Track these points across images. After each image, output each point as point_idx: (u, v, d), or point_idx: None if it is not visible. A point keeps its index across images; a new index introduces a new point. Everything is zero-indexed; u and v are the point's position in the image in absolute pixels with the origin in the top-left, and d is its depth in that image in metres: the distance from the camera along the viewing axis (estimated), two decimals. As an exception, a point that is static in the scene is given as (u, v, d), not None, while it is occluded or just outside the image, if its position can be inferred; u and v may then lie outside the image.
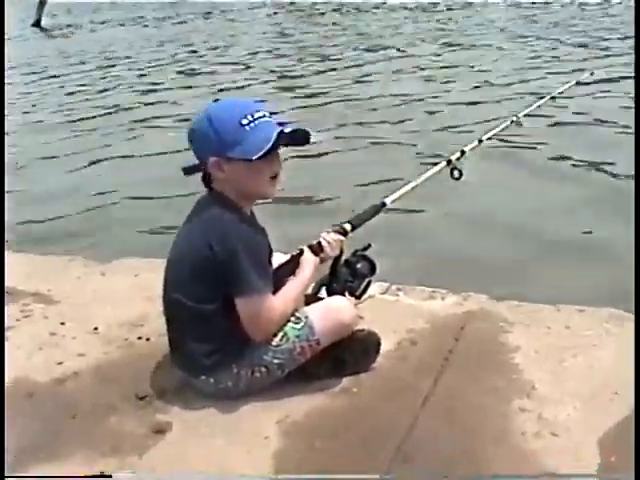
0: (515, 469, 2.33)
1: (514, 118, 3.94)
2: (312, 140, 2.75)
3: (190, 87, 12.32)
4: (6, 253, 4.14)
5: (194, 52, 16.95)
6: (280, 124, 2.70)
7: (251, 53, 15.99)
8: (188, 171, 2.77)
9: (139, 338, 3.22)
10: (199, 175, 2.77)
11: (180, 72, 14.30)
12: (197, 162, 2.72)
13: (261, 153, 2.57)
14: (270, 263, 2.77)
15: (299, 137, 2.71)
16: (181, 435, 2.58)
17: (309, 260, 2.86)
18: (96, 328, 3.33)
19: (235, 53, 16.27)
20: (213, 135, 2.60)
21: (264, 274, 2.65)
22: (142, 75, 14.23)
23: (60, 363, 3.06)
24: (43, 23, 24.64)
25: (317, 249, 2.91)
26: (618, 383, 2.73)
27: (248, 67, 14.28)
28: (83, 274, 4.04)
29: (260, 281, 2.62)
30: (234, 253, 2.57)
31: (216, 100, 2.79)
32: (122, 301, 3.60)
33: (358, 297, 3.05)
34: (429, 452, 2.44)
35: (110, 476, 2.27)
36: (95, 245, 5.58)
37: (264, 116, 2.64)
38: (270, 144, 2.57)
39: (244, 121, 2.58)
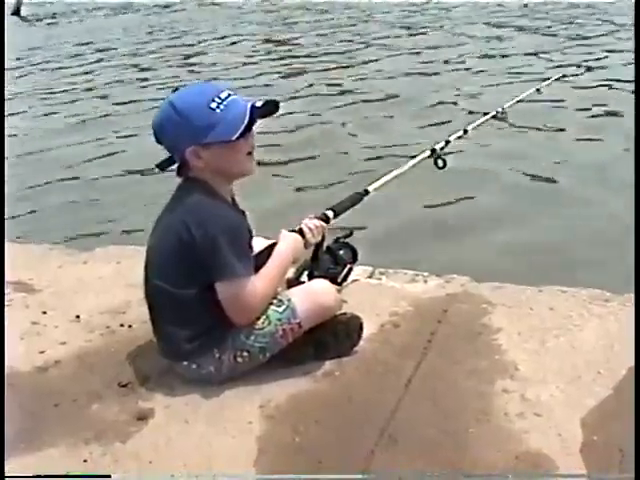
0: (498, 449, 2.33)
1: (499, 109, 3.95)
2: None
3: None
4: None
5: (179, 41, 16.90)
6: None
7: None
8: (162, 166, 2.73)
9: (121, 325, 3.20)
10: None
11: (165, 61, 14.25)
12: (169, 155, 2.69)
13: (240, 131, 2.56)
14: (251, 247, 2.76)
15: (270, 108, 2.69)
16: (164, 421, 2.57)
17: (287, 236, 2.86)
18: (78, 316, 3.31)
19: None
20: (185, 125, 2.56)
21: (244, 258, 2.63)
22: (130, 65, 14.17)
23: (42, 352, 3.03)
24: (24, 12, 24.37)
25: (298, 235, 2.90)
26: (601, 363, 2.75)
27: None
28: (64, 262, 4.01)
29: (241, 265, 2.60)
30: (214, 238, 2.55)
31: (175, 90, 2.71)
32: (104, 289, 3.58)
33: (339, 284, 3.04)
34: (413, 434, 2.43)
35: (109, 476, 2.26)
36: (76, 233, 5.58)
37: (230, 95, 2.62)
38: (247, 120, 2.56)
39: (212, 105, 2.56)
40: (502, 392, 2.62)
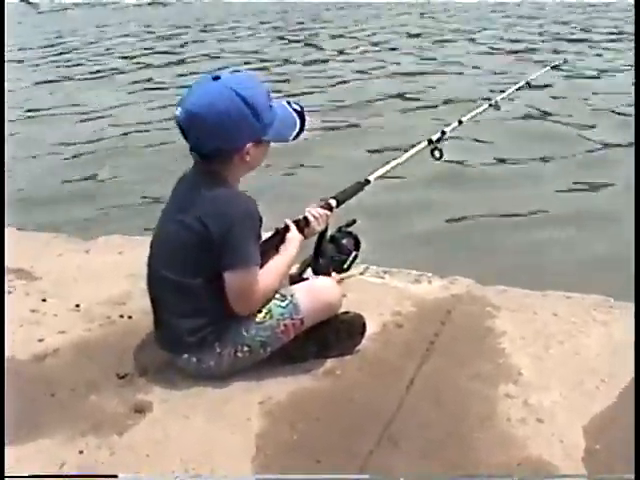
0: (500, 454, 2.31)
1: (492, 102, 3.94)
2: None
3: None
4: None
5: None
6: None
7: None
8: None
9: (121, 316, 3.18)
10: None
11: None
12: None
13: (295, 132, 2.56)
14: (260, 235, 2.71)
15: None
16: (162, 415, 2.55)
17: (295, 238, 2.81)
18: (78, 305, 3.29)
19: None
20: (252, 118, 2.47)
21: (257, 248, 2.60)
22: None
23: (41, 340, 3.01)
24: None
25: (303, 224, 2.86)
26: (604, 370, 2.72)
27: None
28: (66, 251, 4.00)
29: (254, 255, 2.57)
30: (231, 227, 2.50)
31: (216, 78, 2.48)
32: (105, 279, 3.56)
33: (345, 270, 3.05)
34: (415, 435, 2.41)
35: (116, 476, 2.23)
36: (80, 222, 5.57)
37: None
38: (299, 122, 2.55)
39: (269, 102, 2.52)
40: (505, 397, 2.60)
